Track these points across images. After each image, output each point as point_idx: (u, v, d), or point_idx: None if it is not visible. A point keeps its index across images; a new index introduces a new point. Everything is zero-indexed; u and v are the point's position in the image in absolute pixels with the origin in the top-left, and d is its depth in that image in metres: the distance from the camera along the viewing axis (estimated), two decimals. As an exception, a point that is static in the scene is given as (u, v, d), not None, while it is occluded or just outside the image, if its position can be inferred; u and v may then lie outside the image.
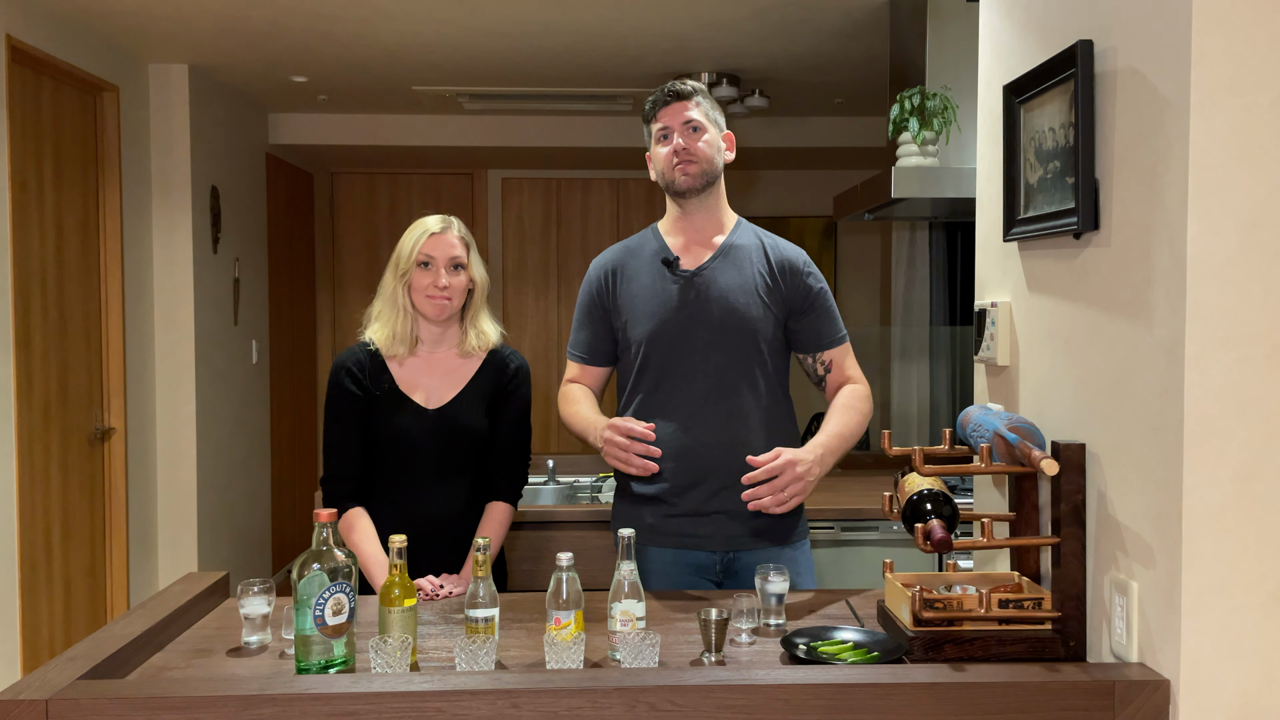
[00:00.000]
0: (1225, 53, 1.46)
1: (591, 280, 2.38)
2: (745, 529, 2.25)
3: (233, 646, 1.90)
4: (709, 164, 2.26)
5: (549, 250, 7.01)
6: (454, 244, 2.30)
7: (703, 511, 2.25)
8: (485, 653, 1.69)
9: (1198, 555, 1.48)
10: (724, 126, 2.32)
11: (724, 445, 2.23)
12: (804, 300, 2.30)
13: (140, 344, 4.53)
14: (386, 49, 4.43)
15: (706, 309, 2.25)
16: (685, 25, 4.09)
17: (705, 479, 2.24)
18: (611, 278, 2.34)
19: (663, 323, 2.26)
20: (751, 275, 2.28)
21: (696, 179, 2.25)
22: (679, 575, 2.27)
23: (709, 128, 2.27)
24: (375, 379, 2.30)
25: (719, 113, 2.32)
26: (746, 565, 2.26)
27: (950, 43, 3.38)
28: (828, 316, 2.33)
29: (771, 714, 1.52)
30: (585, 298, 2.38)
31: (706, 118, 2.27)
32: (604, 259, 2.39)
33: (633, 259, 2.34)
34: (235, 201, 5.22)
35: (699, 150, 2.24)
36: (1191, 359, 1.47)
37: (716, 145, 2.28)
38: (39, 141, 3.82)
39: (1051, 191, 1.85)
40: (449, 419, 2.29)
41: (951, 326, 5.32)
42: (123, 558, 4.32)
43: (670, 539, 2.26)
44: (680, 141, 2.24)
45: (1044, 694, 1.53)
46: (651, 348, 2.27)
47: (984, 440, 1.87)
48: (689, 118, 2.25)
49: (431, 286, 2.27)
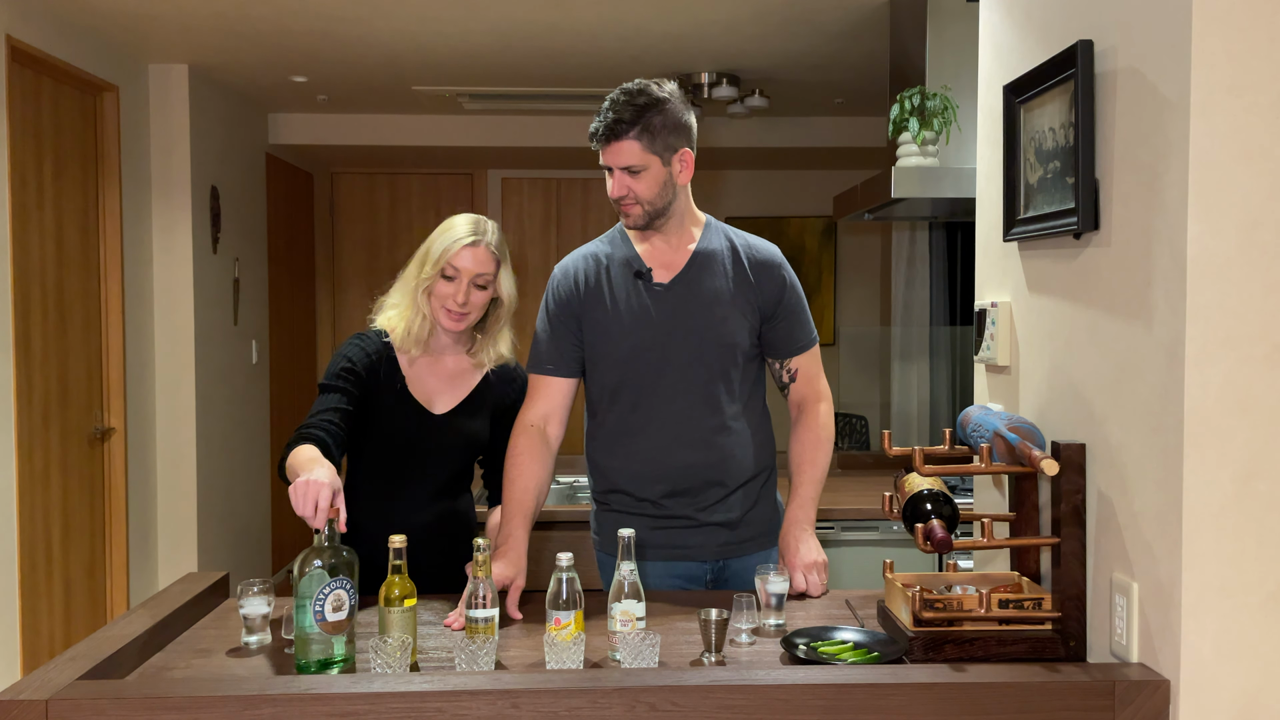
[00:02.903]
0: (1225, 53, 1.46)
1: (558, 288, 2.23)
2: (734, 536, 2.24)
3: (233, 646, 1.90)
4: (650, 205, 2.13)
5: (549, 250, 7.01)
6: (484, 259, 2.17)
7: (693, 523, 2.22)
8: (485, 653, 1.69)
9: (1198, 555, 1.48)
10: (679, 145, 2.12)
11: (710, 464, 2.20)
12: (776, 303, 2.22)
13: (140, 344, 4.53)
14: (386, 49, 4.43)
15: (685, 323, 2.17)
16: (685, 25, 4.09)
17: (691, 494, 2.21)
18: (580, 287, 2.21)
19: (640, 339, 2.17)
20: (726, 283, 2.19)
21: (639, 219, 2.15)
22: (669, 586, 2.25)
23: (650, 163, 2.09)
24: (389, 374, 2.23)
25: (675, 133, 2.11)
26: (736, 571, 2.26)
27: (950, 43, 3.38)
28: (798, 319, 2.26)
29: (771, 714, 1.52)
30: (554, 306, 2.23)
31: (648, 152, 2.08)
32: (572, 266, 2.24)
33: (602, 268, 2.22)
34: (235, 201, 5.22)
35: (638, 193, 2.11)
36: (1191, 359, 1.47)
37: (660, 181, 2.11)
38: (39, 141, 3.82)
39: (1051, 191, 1.85)
40: (452, 425, 2.26)
41: (951, 326, 5.32)
42: (123, 558, 4.32)
43: (659, 551, 2.23)
44: (613, 187, 2.13)
45: (1044, 694, 1.53)
46: (629, 365, 2.18)
47: (984, 440, 1.87)
48: (625, 163, 2.09)
49: (451, 300, 2.17)
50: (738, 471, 2.22)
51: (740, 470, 2.23)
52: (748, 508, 2.25)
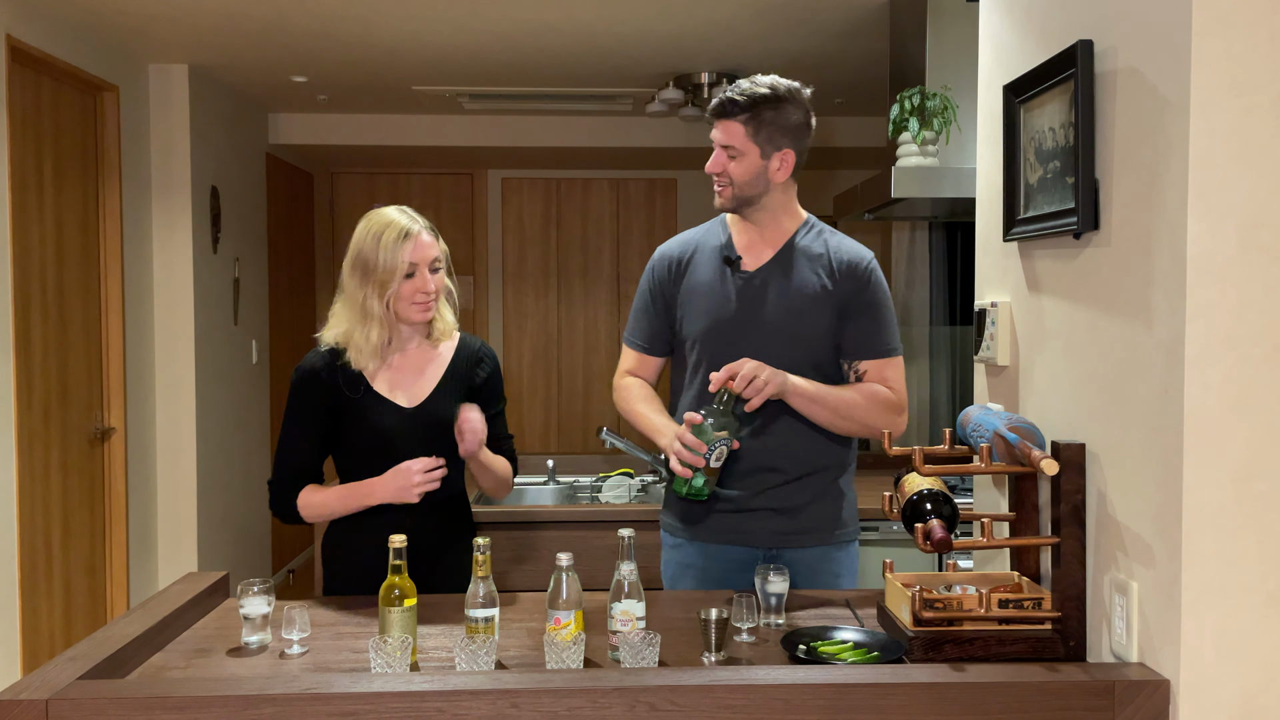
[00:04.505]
0: (1225, 53, 1.46)
1: (655, 269, 2.34)
2: (792, 525, 2.24)
3: (233, 646, 1.90)
4: (740, 190, 2.20)
5: (549, 250, 7.01)
6: (430, 242, 2.21)
7: (748, 507, 2.24)
8: (485, 653, 1.69)
9: (1198, 555, 1.48)
10: (783, 144, 2.18)
11: (772, 450, 2.22)
12: (853, 303, 2.23)
13: (140, 344, 4.53)
14: (386, 49, 4.43)
15: (762, 311, 2.22)
16: (685, 25, 4.09)
17: (752, 477, 2.23)
18: (674, 268, 2.31)
19: (718, 321, 2.24)
20: (810, 279, 2.23)
21: (728, 201, 2.23)
22: (720, 571, 2.26)
23: (749, 151, 2.17)
24: (350, 385, 2.22)
25: (783, 131, 2.17)
26: (789, 563, 2.23)
27: (950, 43, 3.38)
28: (874, 324, 2.24)
29: (771, 714, 1.52)
30: (647, 286, 2.35)
31: (750, 140, 2.16)
32: (669, 248, 2.35)
33: (697, 251, 2.30)
34: (235, 201, 5.22)
35: (731, 175, 2.19)
36: (1191, 359, 1.47)
37: (755, 170, 2.18)
38: (39, 141, 3.82)
39: (1051, 191, 1.85)
40: (429, 414, 2.24)
41: (951, 326, 5.32)
42: (123, 558, 4.32)
43: (715, 535, 2.26)
44: (712, 162, 2.21)
45: (1044, 694, 1.53)
46: (706, 346, 2.25)
47: (984, 440, 1.87)
48: (726, 142, 2.18)
49: (420, 294, 2.19)
50: (798, 462, 2.23)
51: (800, 462, 2.23)
52: (809, 500, 2.25)
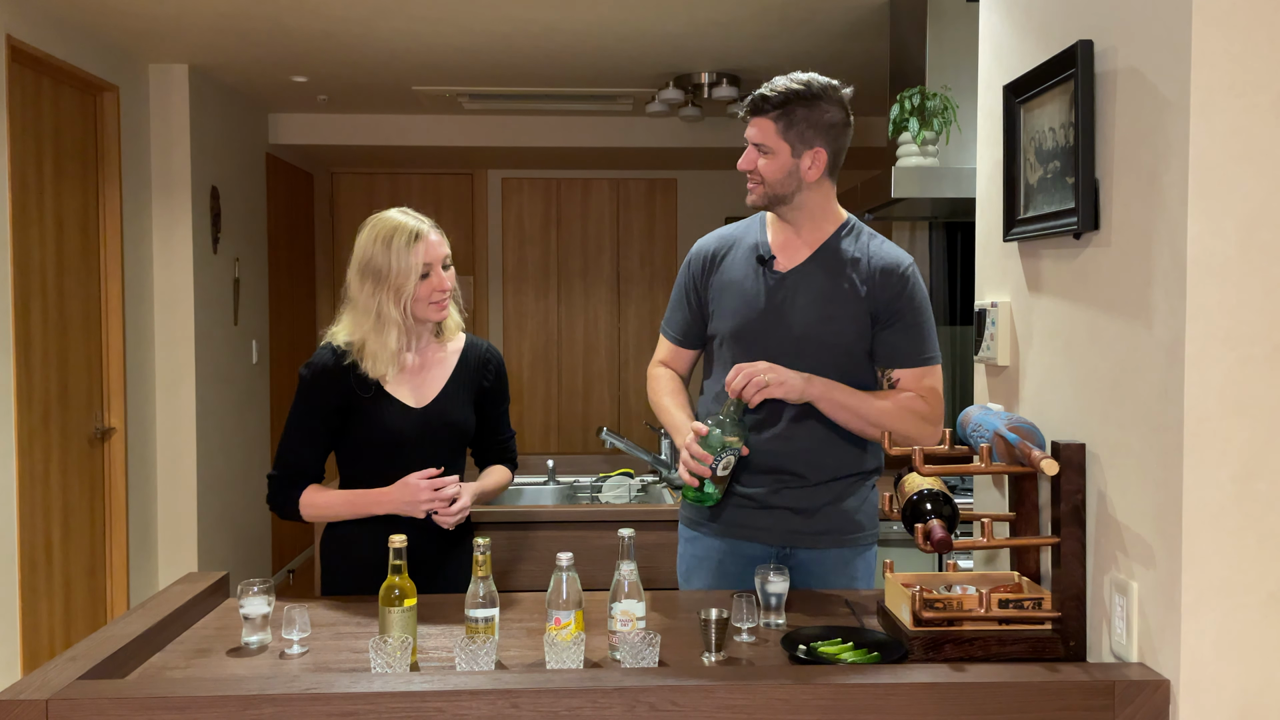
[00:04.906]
0: (1225, 53, 1.46)
1: (691, 262, 2.34)
2: (807, 526, 2.22)
3: (233, 646, 1.90)
4: (770, 188, 2.17)
5: (549, 250, 7.01)
6: (439, 240, 2.24)
7: (767, 504, 2.22)
8: (485, 653, 1.69)
9: (1198, 555, 1.48)
10: (815, 143, 2.14)
11: (787, 454, 2.20)
12: (887, 310, 2.17)
13: (140, 344, 4.53)
14: (386, 49, 4.43)
15: (791, 313, 2.19)
16: (685, 25, 4.09)
17: (773, 476, 2.21)
18: (709, 263, 2.30)
19: (747, 320, 2.21)
20: (843, 283, 2.18)
21: (760, 199, 2.21)
22: (731, 566, 2.25)
23: (780, 149, 2.14)
24: (361, 385, 2.24)
25: (815, 130, 2.14)
26: (803, 563, 2.23)
27: (950, 43, 3.38)
28: (909, 333, 2.19)
29: (771, 714, 1.52)
30: (682, 279, 2.35)
31: (781, 137, 2.14)
32: (706, 242, 2.33)
33: (732, 248, 2.29)
34: (235, 201, 5.22)
35: (762, 173, 2.17)
36: (1191, 359, 1.47)
37: (786, 169, 2.15)
38: (39, 141, 3.82)
39: (1051, 191, 1.85)
40: (436, 415, 2.26)
41: (951, 326, 5.32)
42: (123, 558, 4.32)
43: (731, 529, 2.24)
44: (743, 159, 2.20)
45: (1044, 694, 1.53)
46: (734, 343, 2.23)
47: (984, 440, 1.87)
48: (757, 139, 2.16)
49: (435, 292, 2.22)
50: (817, 468, 2.21)
51: (821, 467, 2.21)
52: (827, 501, 2.23)
